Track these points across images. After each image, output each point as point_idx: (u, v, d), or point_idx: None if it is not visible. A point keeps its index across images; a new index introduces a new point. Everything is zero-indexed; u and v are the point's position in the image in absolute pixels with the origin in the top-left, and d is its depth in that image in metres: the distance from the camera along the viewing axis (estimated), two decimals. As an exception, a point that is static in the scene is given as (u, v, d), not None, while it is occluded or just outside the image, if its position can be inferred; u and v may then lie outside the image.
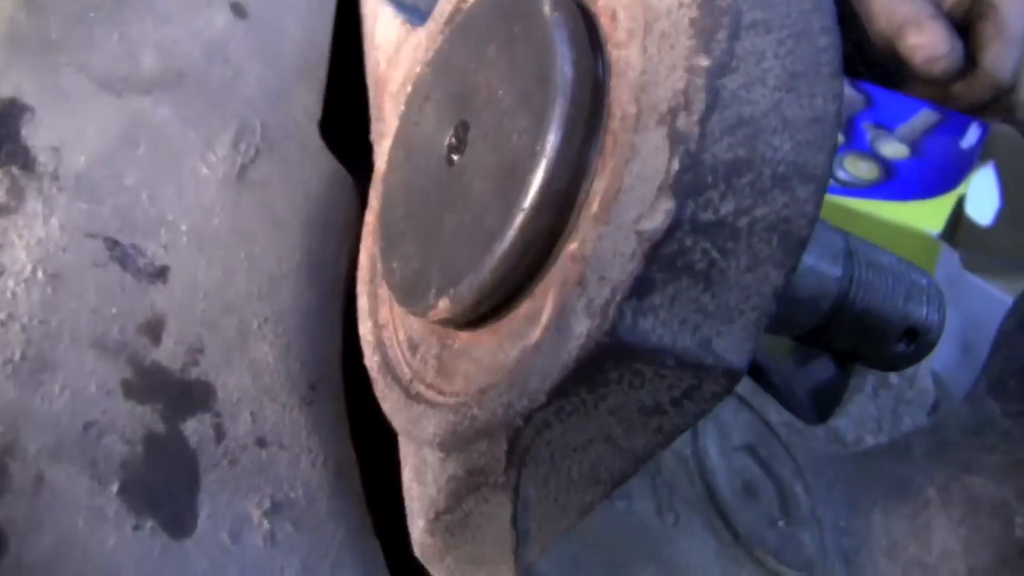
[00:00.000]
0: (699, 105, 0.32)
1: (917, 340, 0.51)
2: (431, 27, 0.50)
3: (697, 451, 0.61)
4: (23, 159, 0.45)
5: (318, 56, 0.59)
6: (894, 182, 0.79)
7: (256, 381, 0.46)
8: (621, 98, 0.36)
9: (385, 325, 0.47)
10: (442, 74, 0.45)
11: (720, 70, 0.32)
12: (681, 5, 0.33)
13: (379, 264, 0.46)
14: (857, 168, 0.81)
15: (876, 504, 0.68)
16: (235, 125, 0.53)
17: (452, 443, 0.39)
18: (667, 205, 0.32)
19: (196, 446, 0.44)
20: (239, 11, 0.57)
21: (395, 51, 0.55)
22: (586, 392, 0.34)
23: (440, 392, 0.42)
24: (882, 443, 0.72)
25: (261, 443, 0.45)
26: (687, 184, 0.32)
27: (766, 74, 0.33)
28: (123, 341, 0.44)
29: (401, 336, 0.46)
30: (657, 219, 0.32)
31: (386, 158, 0.49)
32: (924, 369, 0.77)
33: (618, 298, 0.32)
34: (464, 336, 0.41)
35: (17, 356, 0.42)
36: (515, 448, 0.36)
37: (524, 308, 0.38)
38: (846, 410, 0.76)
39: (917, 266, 0.52)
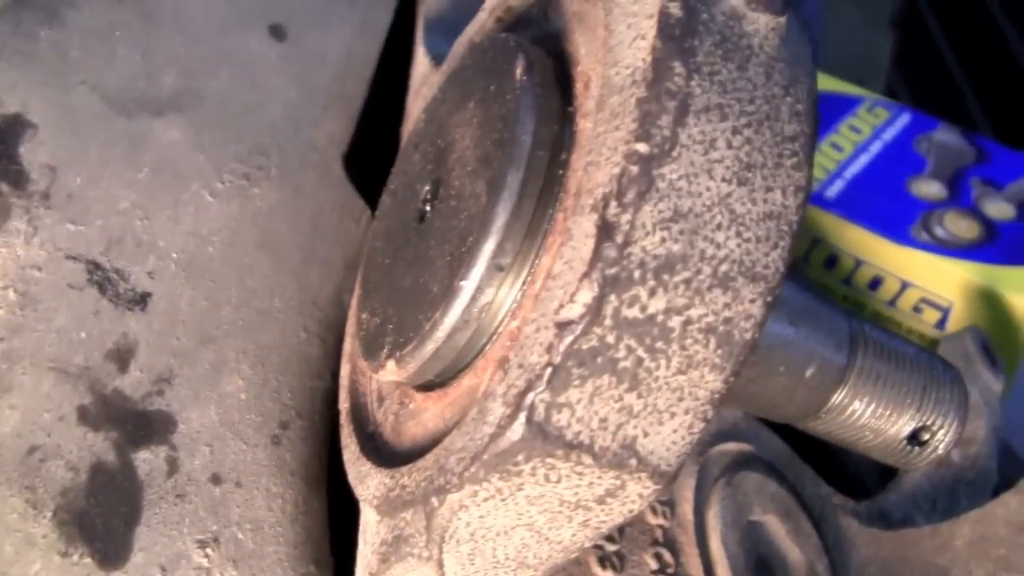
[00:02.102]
0: (631, 195, 0.30)
1: (928, 440, 0.47)
2: (443, 69, 0.48)
3: (702, 523, 0.58)
4: (15, 176, 0.45)
5: (357, 82, 0.59)
6: (995, 244, 0.75)
7: (223, 416, 0.46)
8: (577, 174, 0.34)
9: (363, 372, 0.46)
10: (431, 123, 0.44)
11: (659, 158, 0.30)
12: (634, 83, 0.31)
13: (354, 312, 0.45)
14: (957, 226, 0.77)
15: (909, 593, 0.65)
16: (248, 151, 0.52)
17: (385, 508, 0.38)
18: (586, 298, 0.30)
19: (144, 478, 0.43)
20: (278, 33, 0.56)
21: (420, 87, 0.54)
22: (499, 480, 0.32)
23: (391, 451, 0.41)
24: (924, 527, 0.68)
25: (215, 480, 0.45)
26: (611, 278, 0.30)
27: (714, 164, 0.31)
28: (87, 366, 0.44)
29: (374, 386, 0.45)
30: (575, 311, 0.30)
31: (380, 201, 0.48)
32: (989, 449, 0.73)
33: (532, 390, 0.31)
34: (419, 398, 0.40)
35: (-28, 374, 0.42)
36: (432, 524, 0.35)
37: (467, 380, 0.36)
38: (899, 486, 0.73)
39: (942, 360, 0.48)
